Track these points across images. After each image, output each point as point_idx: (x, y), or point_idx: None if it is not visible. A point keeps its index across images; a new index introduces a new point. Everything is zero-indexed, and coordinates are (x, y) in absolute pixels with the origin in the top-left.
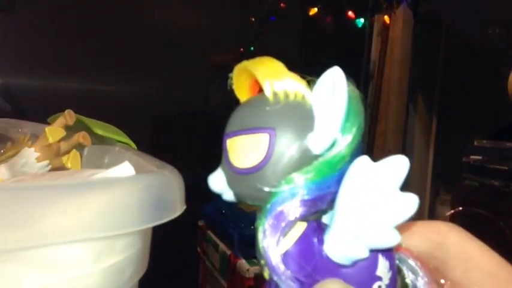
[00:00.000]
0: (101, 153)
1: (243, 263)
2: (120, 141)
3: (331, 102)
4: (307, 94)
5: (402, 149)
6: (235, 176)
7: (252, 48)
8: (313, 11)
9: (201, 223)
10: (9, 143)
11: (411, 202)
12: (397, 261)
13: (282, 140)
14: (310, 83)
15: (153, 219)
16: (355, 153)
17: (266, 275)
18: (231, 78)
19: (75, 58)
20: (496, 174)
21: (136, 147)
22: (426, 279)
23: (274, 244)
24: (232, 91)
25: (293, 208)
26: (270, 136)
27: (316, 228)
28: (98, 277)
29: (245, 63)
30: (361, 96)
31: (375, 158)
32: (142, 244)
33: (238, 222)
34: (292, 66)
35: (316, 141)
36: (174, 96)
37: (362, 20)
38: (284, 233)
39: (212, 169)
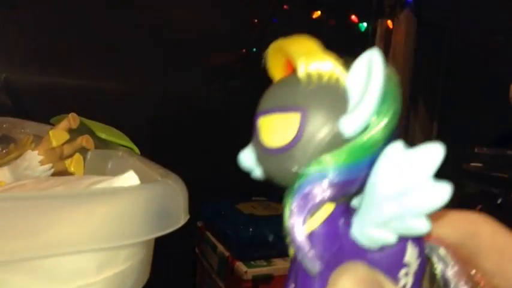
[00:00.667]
0: (105, 158)
1: (241, 264)
2: (123, 145)
3: (367, 84)
4: (342, 76)
5: None
6: (266, 154)
7: (255, 50)
8: (317, 14)
9: (199, 224)
10: (12, 144)
11: (444, 191)
12: (427, 250)
13: (313, 120)
14: (348, 65)
15: (156, 230)
16: (389, 139)
17: (291, 252)
18: (266, 57)
19: (75, 55)
20: (496, 182)
21: (139, 152)
22: (456, 269)
23: (300, 223)
24: (264, 71)
25: (321, 190)
26: (301, 116)
27: (345, 211)
28: (100, 287)
29: (280, 42)
30: (398, 80)
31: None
32: (145, 253)
33: (237, 224)
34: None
35: (349, 123)
36: (175, 95)
37: (365, 24)
38: (311, 213)
39: (212, 168)
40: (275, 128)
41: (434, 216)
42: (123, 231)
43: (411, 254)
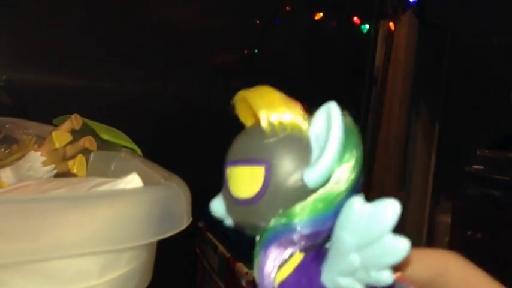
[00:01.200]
0: (107, 159)
1: (242, 265)
2: (125, 147)
3: (326, 136)
4: (304, 126)
5: (404, 156)
6: (234, 205)
7: (256, 51)
8: (319, 15)
9: (200, 224)
10: (14, 144)
11: (401, 247)
12: None
13: (277, 173)
14: (311, 114)
15: (159, 233)
16: (353, 189)
17: None
18: (234, 104)
19: (78, 55)
20: (498, 184)
21: (141, 153)
22: None
23: (269, 275)
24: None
25: (289, 243)
26: (266, 169)
27: (315, 258)
28: None
29: (243, 93)
30: (358, 129)
31: (377, 165)
32: (148, 256)
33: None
34: (295, 70)
35: (311, 175)
36: (176, 96)
37: (367, 26)
38: (279, 265)
39: (213, 169)
40: (242, 180)
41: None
42: (125, 234)
43: None
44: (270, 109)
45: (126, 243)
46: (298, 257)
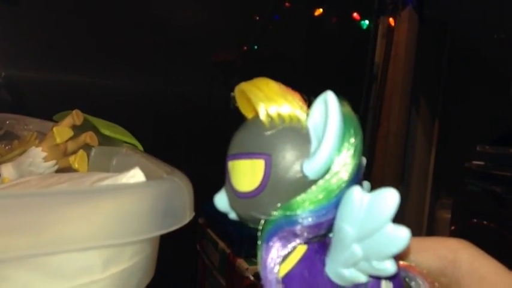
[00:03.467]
0: (109, 154)
1: (242, 261)
2: (126, 142)
3: (324, 127)
4: (302, 117)
5: (403, 151)
6: (236, 198)
7: (256, 47)
8: (318, 11)
9: (201, 221)
10: (15, 140)
11: (403, 235)
12: (406, 279)
13: (278, 166)
14: (310, 104)
15: (162, 227)
16: (354, 178)
17: None
18: (234, 97)
19: (78, 52)
20: (498, 180)
21: (142, 149)
22: None
23: (272, 269)
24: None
25: (291, 235)
26: (266, 162)
27: (318, 250)
28: (106, 284)
29: (242, 86)
30: (357, 117)
31: (376, 161)
32: (151, 250)
33: (239, 221)
34: (295, 66)
35: (311, 167)
36: (177, 92)
37: (367, 22)
38: (282, 258)
39: (213, 166)
40: (243, 173)
41: (414, 244)
42: (128, 229)
43: None
44: (268, 101)
45: (129, 238)
46: (302, 249)
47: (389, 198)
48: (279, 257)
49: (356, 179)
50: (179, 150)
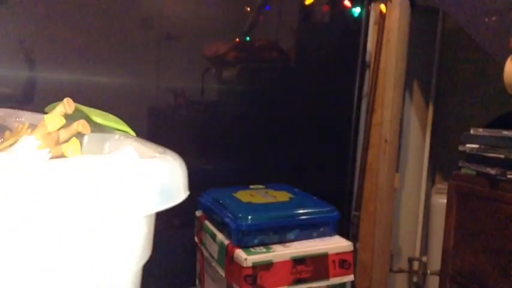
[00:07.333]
0: (101, 141)
1: (240, 252)
2: (119, 130)
3: None
4: None
5: (398, 138)
6: None
7: (248, 38)
8: (309, 0)
9: (198, 213)
10: (7, 131)
11: None
12: None
13: None
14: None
15: (157, 205)
16: None
17: None
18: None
19: (69, 49)
20: (493, 163)
21: (135, 135)
22: None
23: None
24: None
25: None
26: None
27: None
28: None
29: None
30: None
31: (372, 148)
32: (147, 229)
33: (236, 212)
34: (287, 56)
35: None
36: (169, 87)
37: (358, 9)
38: None
39: (209, 158)
40: None
41: None
42: (122, 206)
43: None
44: None
45: (123, 215)
46: None
47: None
48: None
49: None
50: (172, 143)
